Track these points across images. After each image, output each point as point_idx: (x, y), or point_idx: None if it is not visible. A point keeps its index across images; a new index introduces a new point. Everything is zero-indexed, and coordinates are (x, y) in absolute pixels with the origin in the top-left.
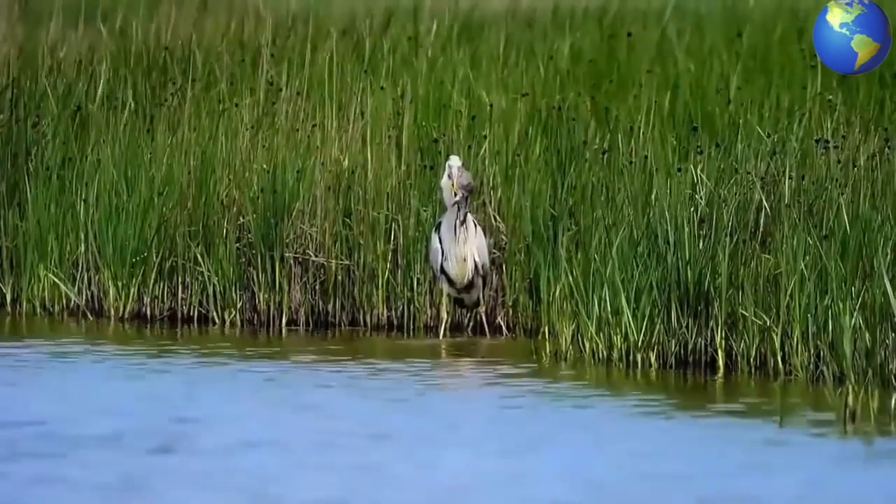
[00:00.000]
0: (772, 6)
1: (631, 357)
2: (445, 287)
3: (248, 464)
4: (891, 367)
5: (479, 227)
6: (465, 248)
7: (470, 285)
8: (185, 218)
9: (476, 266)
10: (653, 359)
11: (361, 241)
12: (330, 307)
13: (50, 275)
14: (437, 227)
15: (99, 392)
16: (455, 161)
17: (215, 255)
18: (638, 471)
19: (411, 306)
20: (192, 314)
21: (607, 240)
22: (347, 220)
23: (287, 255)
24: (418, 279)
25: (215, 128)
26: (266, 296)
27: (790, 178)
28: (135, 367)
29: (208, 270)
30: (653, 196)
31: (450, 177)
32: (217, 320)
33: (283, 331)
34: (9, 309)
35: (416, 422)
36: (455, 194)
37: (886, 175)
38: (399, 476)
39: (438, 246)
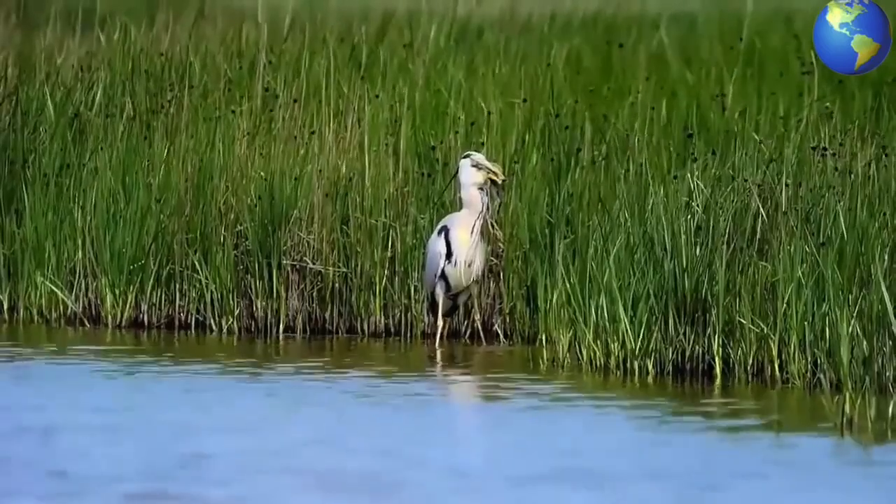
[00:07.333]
0: (769, 13)
1: (628, 364)
2: (441, 291)
3: (247, 470)
4: (888, 374)
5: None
6: (475, 252)
7: (465, 288)
8: (183, 225)
9: (478, 271)
10: (650, 366)
11: (359, 249)
12: (327, 314)
13: (47, 282)
14: (441, 231)
15: (95, 399)
16: (478, 155)
17: (213, 262)
18: (634, 478)
19: (408, 314)
20: (189, 321)
21: (604, 247)
22: (345, 227)
23: (284, 262)
24: (415, 286)
25: (213, 135)
26: (263, 303)
27: (787, 185)
28: (132, 375)
29: (206, 278)
30: (649, 203)
31: (479, 167)
32: (214, 328)
33: (281, 338)
34: (6, 316)
35: (415, 429)
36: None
37: (883, 182)
38: (400, 481)
39: (443, 250)
